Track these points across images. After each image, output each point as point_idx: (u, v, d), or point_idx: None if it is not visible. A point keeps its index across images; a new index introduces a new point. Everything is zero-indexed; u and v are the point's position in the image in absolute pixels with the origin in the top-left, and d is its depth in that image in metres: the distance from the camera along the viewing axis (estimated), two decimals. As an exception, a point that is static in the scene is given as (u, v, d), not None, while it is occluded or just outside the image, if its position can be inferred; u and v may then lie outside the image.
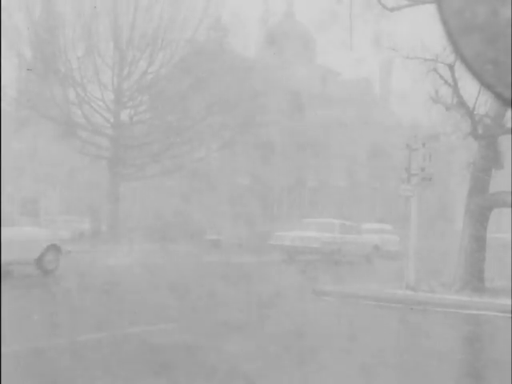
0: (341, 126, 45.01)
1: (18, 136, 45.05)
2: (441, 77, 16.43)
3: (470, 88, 15.61)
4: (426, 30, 14.27)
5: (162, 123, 35.82)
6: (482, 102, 16.39)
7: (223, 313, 12.32)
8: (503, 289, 15.48)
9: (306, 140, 45.59)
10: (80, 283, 16.18)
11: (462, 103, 16.33)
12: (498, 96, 1.14)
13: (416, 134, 17.25)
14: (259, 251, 25.84)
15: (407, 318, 13.44)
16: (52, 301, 13.71)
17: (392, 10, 16.31)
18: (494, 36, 1.13)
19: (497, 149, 16.59)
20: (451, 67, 15.78)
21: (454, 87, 16.17)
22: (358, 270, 22.87)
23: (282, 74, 43.06)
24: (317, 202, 46.58)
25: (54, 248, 17.78)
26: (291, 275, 21.20)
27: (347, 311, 13.78)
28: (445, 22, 1.18)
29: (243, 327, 10.86)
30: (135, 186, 42.91)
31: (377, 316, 13.48)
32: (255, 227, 36.66)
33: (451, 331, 12.32)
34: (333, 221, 26.97)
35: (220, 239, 35.21)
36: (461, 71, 14.68)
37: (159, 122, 35.89)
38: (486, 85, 1.14)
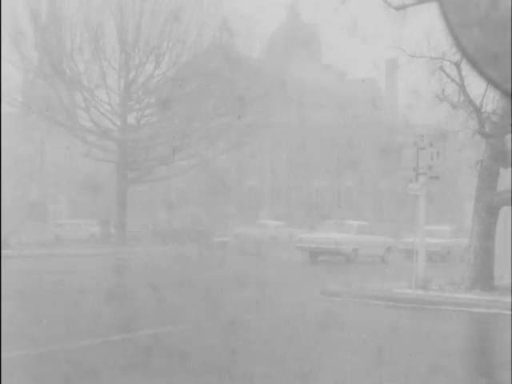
0: (347, 125, 44.96)
1: (26, 140, 45.20)
2: (447, 75, 16.38)
3: (476, 86, 15.56)
4: (431, 28, 14.28)
5: (169, 126, 35.81)
6: (489, 100, 16.33)
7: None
8: (513, 287, 15.39)
9: (312, 140, 45.56)
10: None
11: (468, 101, 16.27)
12: (499, 88, 1.14)
13: (423, 133, 17.16)
14: None
15: (419, 318, 13.40)
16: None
17: (397, 8, 16.27)
18: (494, 29, 1.12)
19: (504, 147, 16.49)
20: (458, 65, 15.73)
21: (461, 85, 16.12)
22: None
23: (288, 74, 43.03)
24: (331, 203, 46.52)
25: (389, 249, 28.83)
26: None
27: (353, 311, 13.76)
28: (445, 16, 1.18)
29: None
30: (143, 188, 42.96)
31: (389, 316, 13.42)
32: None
33: (463, 330, 12.28)
34: (444, 227, 33.07)
35: (227, 241, 35.25)
36: (467, 69, 14.63)
37: (166, 124, 35.88)
38: (486, 77, 1.13)
